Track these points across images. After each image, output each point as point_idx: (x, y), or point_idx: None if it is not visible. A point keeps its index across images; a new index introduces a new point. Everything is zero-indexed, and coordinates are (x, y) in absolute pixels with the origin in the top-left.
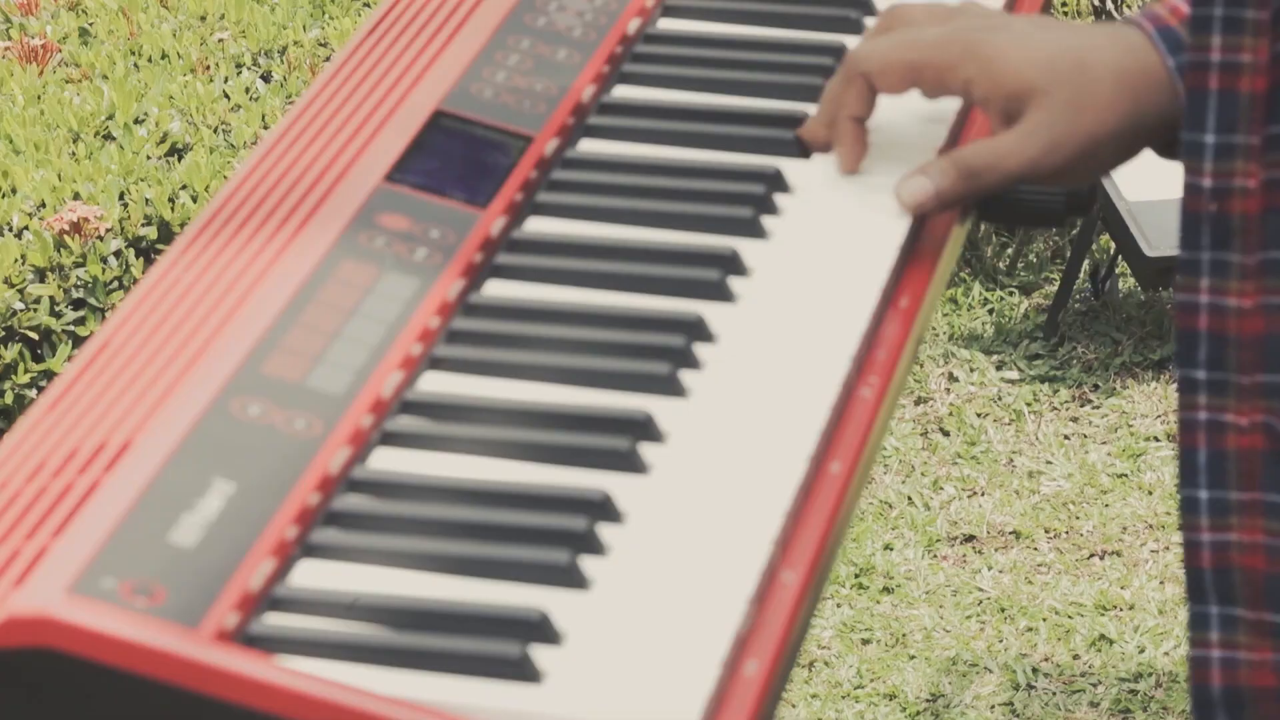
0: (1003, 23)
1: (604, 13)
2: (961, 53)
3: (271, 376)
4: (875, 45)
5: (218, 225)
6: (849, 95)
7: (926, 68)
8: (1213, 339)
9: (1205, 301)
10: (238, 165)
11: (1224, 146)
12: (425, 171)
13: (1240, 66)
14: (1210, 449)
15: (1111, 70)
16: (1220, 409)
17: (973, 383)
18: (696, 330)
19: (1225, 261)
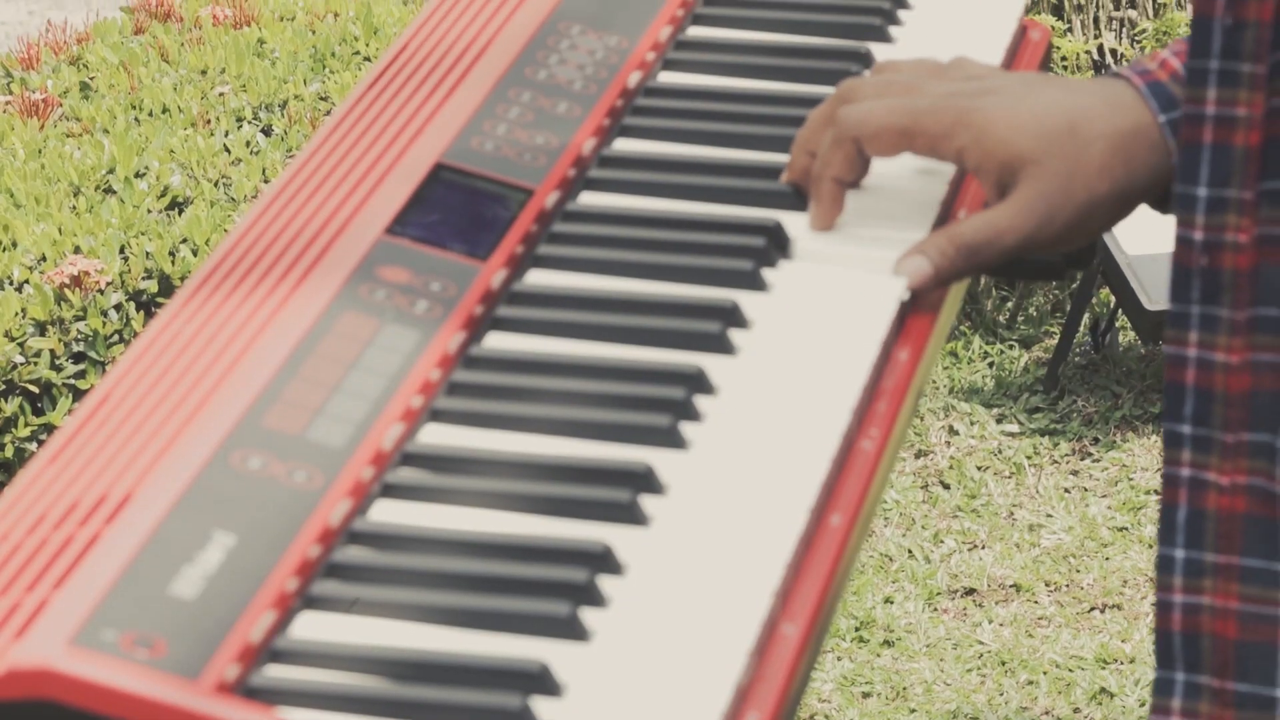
0: (994, 85)
1: (604, 66)
2: (954, 122)
3: (272, 429)
4: (869, 109)
5: (218, 278)
6: (836, 156)
7: (919, 135)
8: (1199, 394)
9: (1193, 356)
10: (238, 219)
11: (1216, 200)
12: (426, 224)
13: (1235, 120)
14: (1190, 507)
15: (1103, 133)
16: (1203, 466)
17: (973, 436)
18: (697, 383)
19: (1215, 316)
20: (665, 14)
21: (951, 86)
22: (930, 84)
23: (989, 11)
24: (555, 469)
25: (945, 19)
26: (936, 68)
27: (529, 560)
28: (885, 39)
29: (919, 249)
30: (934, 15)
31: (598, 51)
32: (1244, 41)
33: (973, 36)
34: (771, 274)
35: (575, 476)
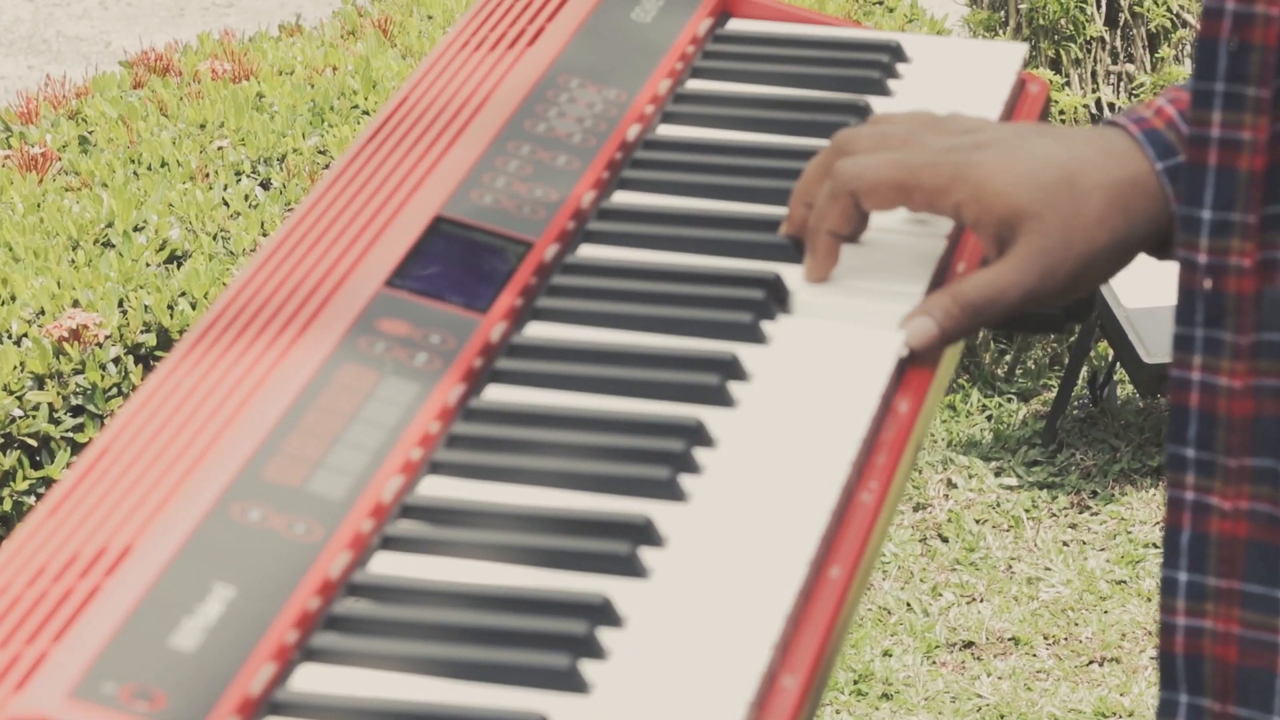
0: (988, 138)
1: (604, 119)
2: (951, 177)
3: (272, 481)
4: (865, 163)
5: (217, 331)
6: (833, 210)
7: (916, 190)
8: (1203, 418)
9: (1197, 379)
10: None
11: (1220, 223)
12: (425, 277)
13: (1240, 144)
14: (1193, 531)
15: (1100, 183)
16: (1206, 490)
17: (971, 489)
18: (696, 435)
19: (1218, 340)
20: (664, 67)
21: (948, 140)
22: (926, 137)
23: (987, 65)
24: (554, 521)
25: (944, 73)
26: (932, 120)
27: (528, 612)
28: (884, 92)
29: (923, 309)
30: (932, 69)
31: (596, 104)
32: (1249, 65)
33: (971, 90)
34: (771, 326)
35: (574, 529)
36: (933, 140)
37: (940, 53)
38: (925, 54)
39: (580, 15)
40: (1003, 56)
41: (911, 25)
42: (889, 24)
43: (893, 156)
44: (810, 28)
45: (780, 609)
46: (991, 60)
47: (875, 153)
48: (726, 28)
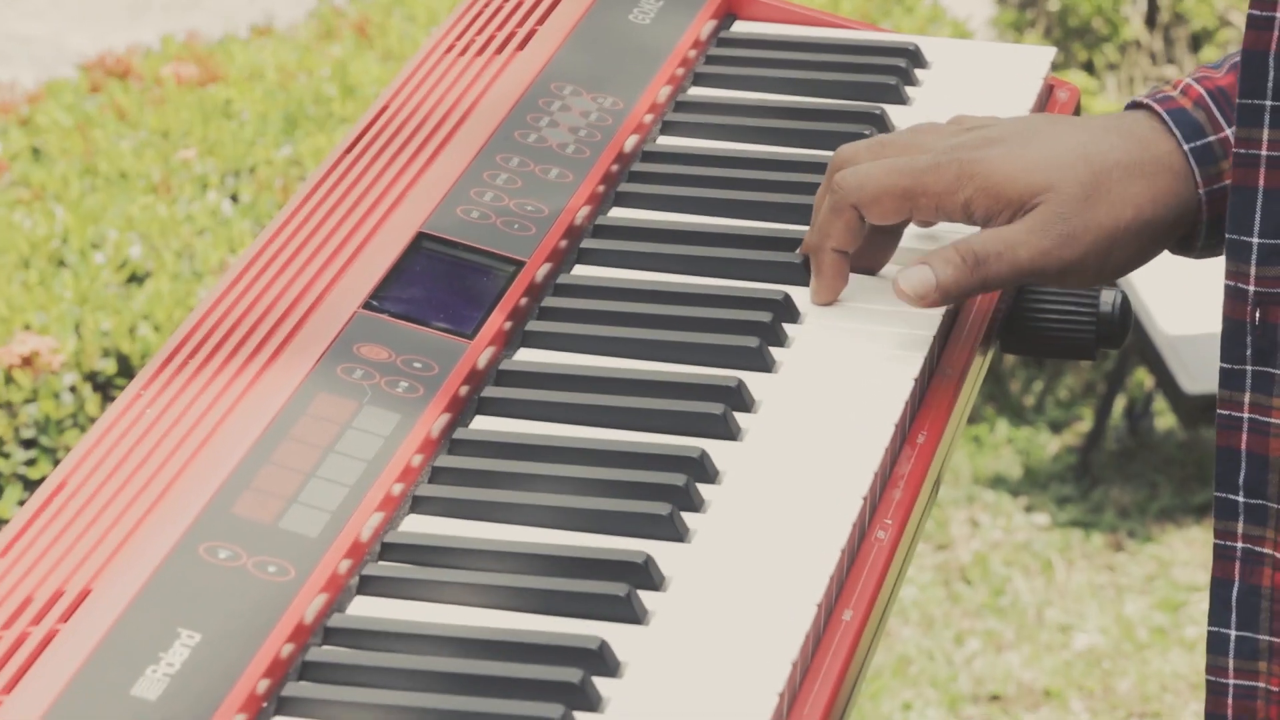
0: (996, 134)
1: (599, 129)
2: (956, 175)
3: (242, 518)
4: (866, 172)
5: (183, 357)
6: (836, 226)
7: (921, 195)
8: (1253, 460)
9: (1247, 419)
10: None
11: (1271, 250)
12: (407, 299)
13: None
14: (1243, 583)
15: (1122, 163)
16: (1258, 539)
17: (998, 528)
18: (699, 468)
19: (1270, 376)
20: (664, 73)
21: (952, 140)
22: (929, 140)
23: (1013, 70)
24: (546, 561)
25: (965, 78)
26: (934, 127)
27: (519, 658)
28: (901, 100)
29: (924, 259)
30: (953, 74)
31: (592, 113)
32: None
33: (995, 97)
34: (779, 352)
35: (568, 569)
36: (935, 142)
37: (962, 57)
38: (946, 58)
39: (574, 17)
40: (1029, 60)
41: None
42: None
43: (894, 163)
44: (822, 30)
45: (788, 654)
46: (1017, 64)
47: (876, 161)
48: (731, 30)
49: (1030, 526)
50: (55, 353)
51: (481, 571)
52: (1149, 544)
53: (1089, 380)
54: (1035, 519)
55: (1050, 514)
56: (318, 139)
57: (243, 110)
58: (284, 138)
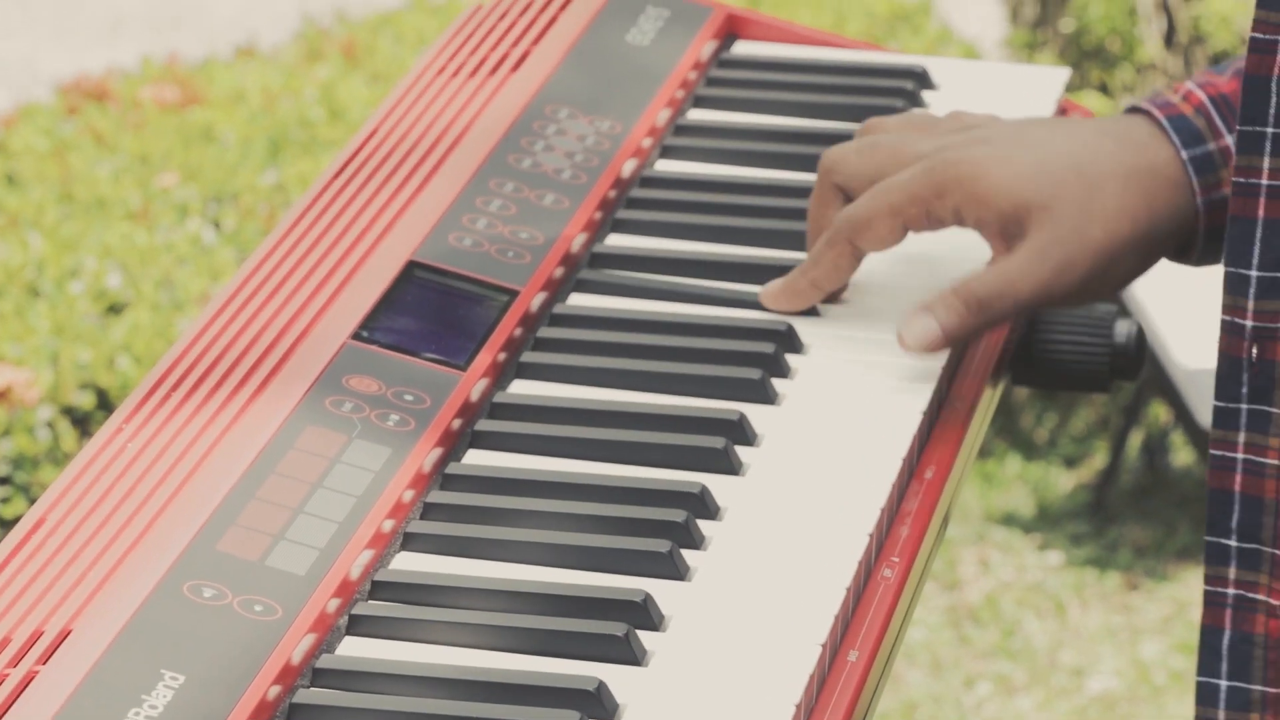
0: (986, 134)
1: (595, 153)
2: (942, 180)
3: (227, 555)
4: (855, 206)
5: (165, 390)
6: (825, 259)
7: (909, 206)
8: (1247, 502)
9: (1241, 459)
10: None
11: (1269, 283)
12: (397, 329)
13: None
14: (1235, 631)
15: (1116, 174)
16: (1251, 585)
17: (1010, 567)
18: (699, 504)
19: (1265, 414)
20: (663, 96)
21: (940, 140)
22: (918, 142)
23: (1024, 92)
24: (542, 599)
25: (975, 100)
26: (926, 121)
27: (514, 700)
28: None
29: (925, 306)
30: (962, 96)
31: (588, 137)
32: None
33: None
34: (782, 384)
35: (564, 608)
36: (923, 144)
37: (971, 78)
38: (954, 80)
39: (570, 38)
40: (1042, 82)
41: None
42: (916, 47)
43: (880, 185)
44: (825, 51)
45: (792, 696)
46: (1030, 86)
47: (861, 159)
48: (732, 51)
49: (1043, 566)
50: (31, 386)
51: (475, 611)
52: (1166, 584)
53: (1104, 414)
54: (1048, 558)
55: (1064, 553)
56: (303, 164)
57: (225, 134)
58: (268, 163)
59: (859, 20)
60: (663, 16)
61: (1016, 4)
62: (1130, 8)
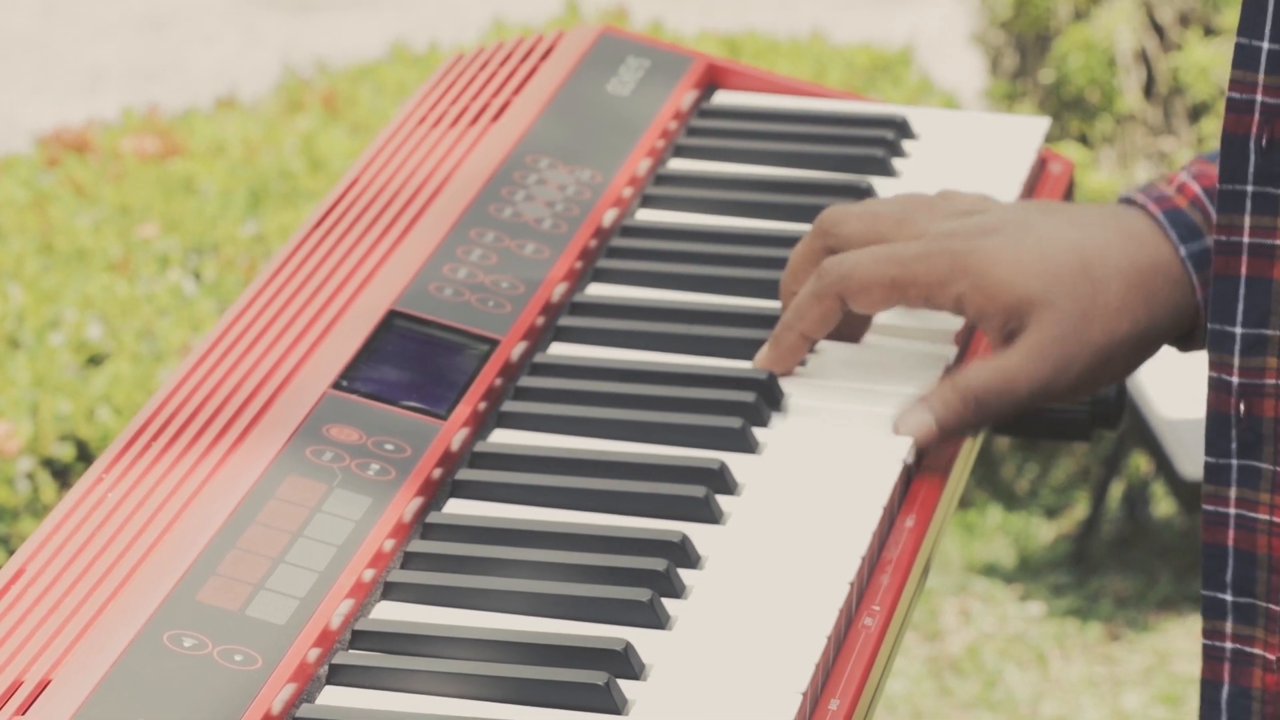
0: (992, 222)
1: (576, 203)
2: (950, 268)
3: (207, 605)
4: (855, 261)
5: (145, 440)
6: (813, 310)
7: (911, 285)
8: (1240, 557)
9: (1233, 514)
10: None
11: (1254, 339)
12: (378, 378)
13: (1274, 250)
14: (1233, 685)
15: (1119, 270)
16: (1248, 639)
17: (991, 617)
18: (680, 553)
19: (1256, 469)
20: (643, 145)
21: (946, 224)
22: (923, 220)
23: (1004, 141)
24: (522, 649)
25: (955, 150)
26: (928, 200)
27: None
28: (889, 173)
29: (923, 401)
30: (943, 146)
31: (569, 187)
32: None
33: (986, 169)
34: (763, 433)
35: (545, 657)
36: (929, 224)
37: (952, 128)
38: (935, 129)
39: (551, 88)
40: (1022, 131)
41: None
42: (896, 97)
43: (884, 251)
44: (806, 100)
45: None
46: (1009, 136)
47: (865, 248)
48: (713, 101)
49: (1024, 616)
50: (10, 437)
51: (455, 660)
52: (1147, 634)
53: (1084, 465)
54: (1029, 608)
55: (1045, 603)
56: (284, 215)
57: (206, 185)
58: (249, 214)
59: (839, 71)
60: (643, 66)
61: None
62: (1109, 59)
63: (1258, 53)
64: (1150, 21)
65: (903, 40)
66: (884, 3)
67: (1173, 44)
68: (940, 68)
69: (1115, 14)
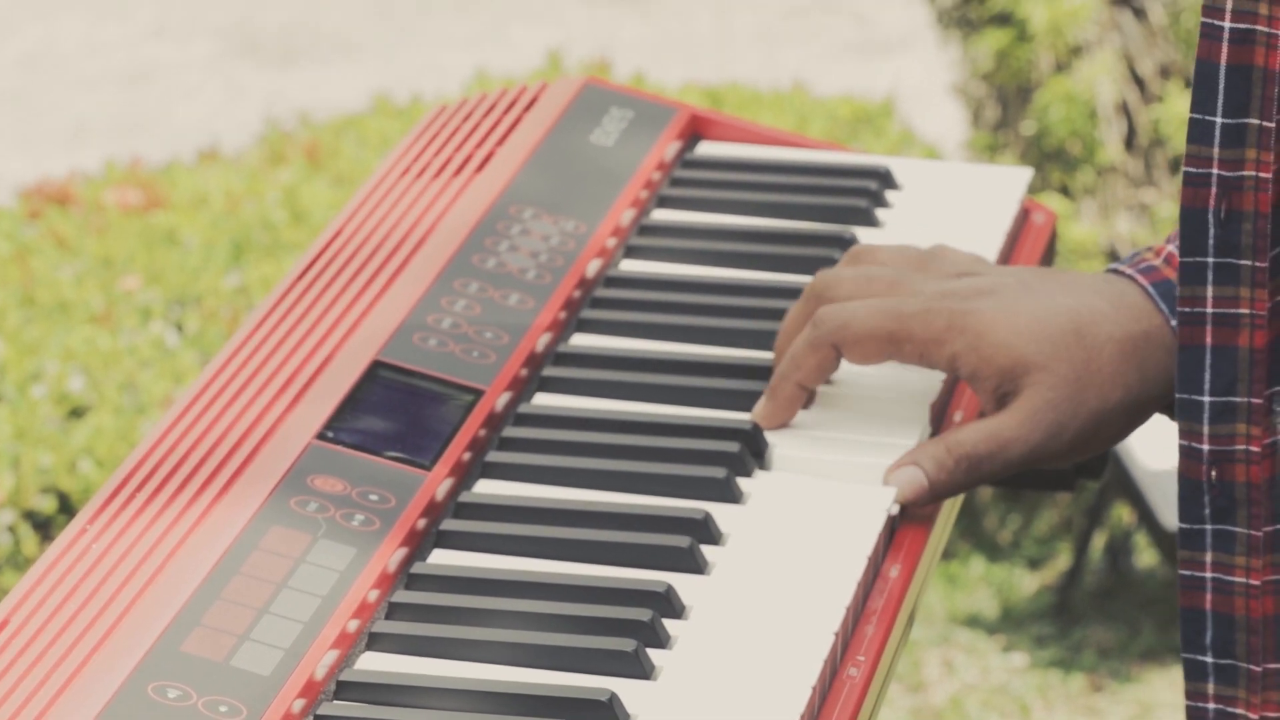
0: (989, 285)
1: (560, 253)
2: (946, 326)
3: (191, 656)
4: (851, 312)
5: (129, 491)
6: (809, 360)
7: (907, 342)
8: (1219, 620)
9: (1210, 578)
10: (148, 428)
11: (1222, 407)
12: (362, 429)
13: (1238, 319)
14: None
15: (1113, 338)
16: (1230, 699)
17: (974, 669)
18: (665, 604)
19: (1230, 534)
20: (627, 196)
21: (942, 285)
22: (917, 281)
23: (987, 192)
24: (507, 699)
25: (938, 200)
26: (921, 259)
27: None
28: (872, 223)
29: (912, 458)
30: (926, 196)
31: (553, 237)
32: (1241, 235)
33: (969, 220)
34: (747, 483)
35: (530, 707)
36: (924, 284)
37: (934, 178)
38: (918, 180)
39: (534, 138)
40: (1004, 182)
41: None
42: (878, 148)
43: (881, 305)
44: (789, 151)
45: None
46: (991, 186)
47: (861, 300)
48: (696, 151)
49: (1007, 667)
50: None
51: (440, 711)
52: (1130, 685)
53: (1067, 516)
54: (1012, 659)
55: (1028, 654)
56: (266, 267)
57: (188, 237)
58: (231, 265)
59: (821, 122)
60: (627, 117)
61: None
62: (1091, 110)
63: (1211, 127)
64: (1131, 73)
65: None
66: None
67: (1154, 96)
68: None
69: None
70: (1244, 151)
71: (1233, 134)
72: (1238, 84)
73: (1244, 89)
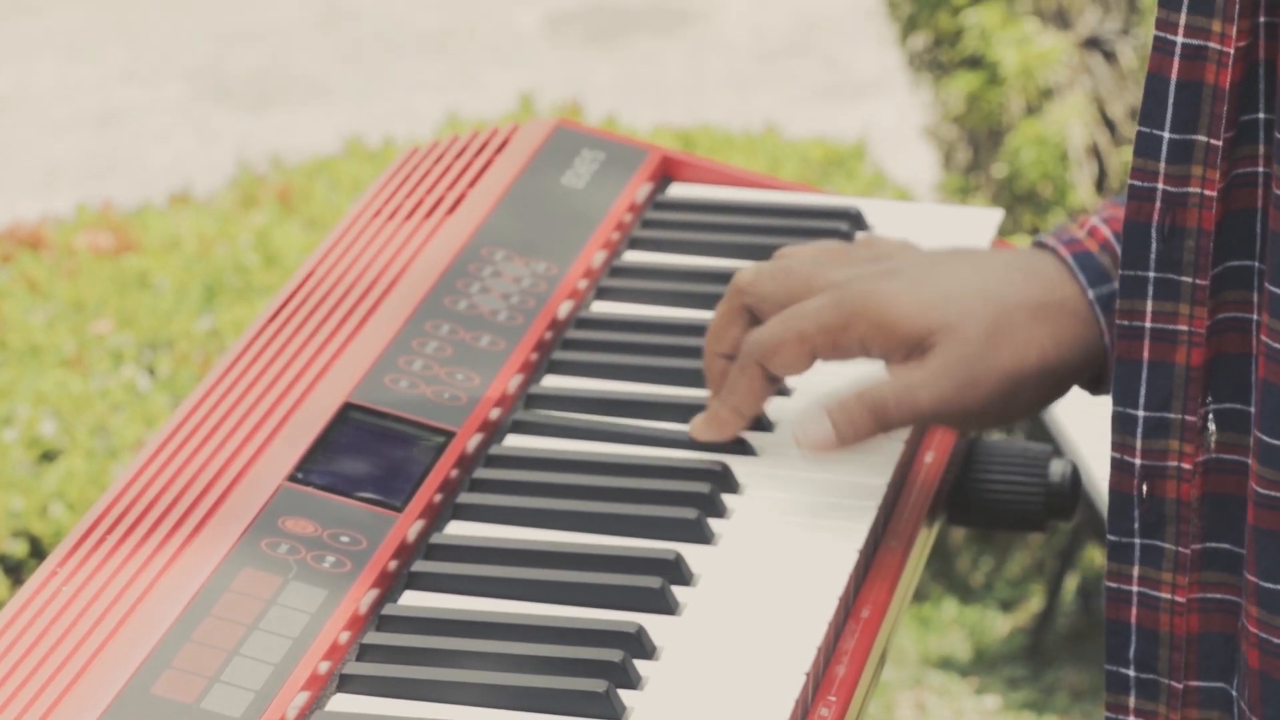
0: (896, 266)
1: (531, 295)
2: (849, 312)
3: (162, 698)
4: (766, 328)
5: (100, 534)
6: (740, 384)
7: (817, 336)
8: (1143, 634)
9: (1136, 592)
10: (119, 471)
11: (1156, 422)
12: (333, 471)
13: (1176, 335)
14: None
15: (1024, 305)
16: (1150, 714)
17: (947, 711)
18: (636, 644)
19: (1158, 549)
20: (598, 238)
21: (851, 271)
22: (831, 271)
23: (957, 233)
24: None
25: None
26: (840, 249)
27: None
28: None
29: (823, 409)
30: (896, 237)
31: (524, 279)
32: (1183, 251)
33: None
34: (718, 523)
35: None
36: (836, 273)
37: (905, 219)
38: (889, 221)
39: (505, 181)
40: (975, 223)
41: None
42: (850, 190)
43: (789, 311)
44: (760, 193)
45: None
46: (962, 227)
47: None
48: (667, 193)
49: (980, 709)
50: None
51: None
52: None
53: (1039, 558)
54: (985, 702)
55: (1001, 696)
56: (238, 310)
57: (160, 281)
58: (203, 309)
59: (793, 164)
60: (598, 159)
61: (949, 149)
62: (1062, 153)
63: (1159, 141)
64: (1102, 116)
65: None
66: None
67: (1124, 139)
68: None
69: (1067, 109)
70: (1190, 168)
71: (1180, 150)
72: (1187, 100)
73: (1193, 105)
